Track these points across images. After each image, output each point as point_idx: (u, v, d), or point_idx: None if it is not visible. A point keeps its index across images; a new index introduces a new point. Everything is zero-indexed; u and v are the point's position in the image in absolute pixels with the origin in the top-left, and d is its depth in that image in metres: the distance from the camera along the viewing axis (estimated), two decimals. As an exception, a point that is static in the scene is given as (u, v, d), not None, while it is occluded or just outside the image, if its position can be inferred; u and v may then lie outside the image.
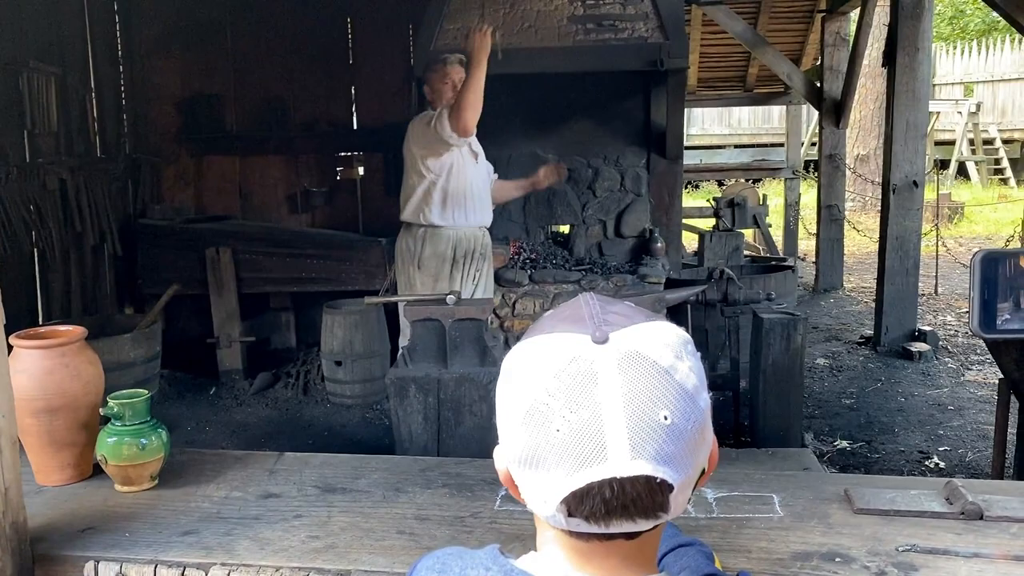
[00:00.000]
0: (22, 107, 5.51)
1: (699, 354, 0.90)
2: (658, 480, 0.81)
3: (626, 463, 0.80)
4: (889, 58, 6.16)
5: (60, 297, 6.01)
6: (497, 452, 0.90)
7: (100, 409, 1.78)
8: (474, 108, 3.83)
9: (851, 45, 7.95)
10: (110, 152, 6.48)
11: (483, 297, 4.25)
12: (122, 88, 6.69)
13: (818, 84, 8.28)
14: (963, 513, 1.59)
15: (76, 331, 1.87)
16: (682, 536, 1.26)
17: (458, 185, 4.08)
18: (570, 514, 0.84)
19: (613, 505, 0.82)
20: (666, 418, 0.82)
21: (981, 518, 1.58)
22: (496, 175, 4.54)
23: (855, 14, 7.98)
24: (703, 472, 0.89)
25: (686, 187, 16.36)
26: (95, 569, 1.45)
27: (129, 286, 6.58)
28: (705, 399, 0.88)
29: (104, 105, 6.45)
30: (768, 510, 1.62)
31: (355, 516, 1.61)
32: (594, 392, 0.81)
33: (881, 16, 9.25)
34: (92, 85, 6.32)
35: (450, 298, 4.03)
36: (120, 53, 6.66)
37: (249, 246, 6.07)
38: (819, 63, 8.45)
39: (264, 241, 6.12)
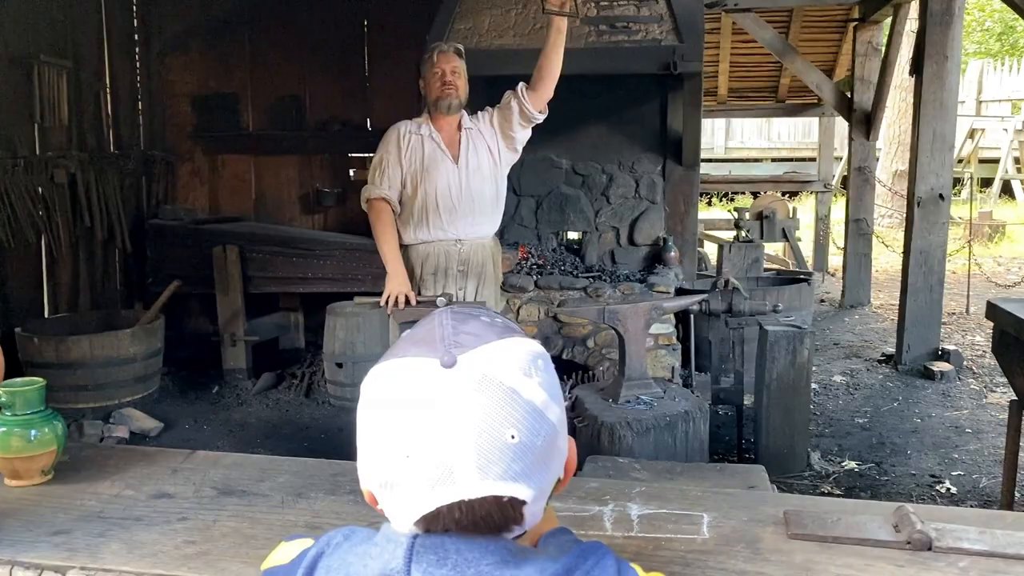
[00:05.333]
0: (32, 100, 5.51)
1: (552, 367, 0.93)
2: (506, 499, 0.84)
3: (474, 485, 0.82)
4: (917, 67, 5.94)
5: (67, 291, 6.01)
6: (359, 472, 0.91)
7: (-12, 398, 1.68)
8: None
9: (883, 55, 7.73)
10: (124, 148, 6.48)
11: (477, 301, 4.11)
12: (138, 84, 6.69)
13: (848, 95, 8.05)
14: (909, 542, 1.43)
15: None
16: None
17: (424, 198, 3.90)
18: (427, 531, 0.86)
19: (464, 523, 0.85)
20: (513, 437, 0.83)
21: (929, 548, 1.42)
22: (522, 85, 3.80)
23: (888, 23, 7.75)
24: (559, 480, 0.92)
25: (720, 198, 16.14)
26: (-48, 567, 1.35)
27: (139, 283, 6.57)
28: (556, 410, 0.89)
29: (119, 101, 6.46)
30: (694, 531, 1.47)
31: (243, 521, 1.49)
32: (442, 417, 0.83)
33: (914, 25, 8.99)
34: (107, 80, 6.32)
35: (440, 300, 3.91)
36: (137, 49, 6.67)
37: (257, 246, 6.02)
38: (851, 73, 8.22)
39: (272, 243, 6.07)
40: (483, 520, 0.84)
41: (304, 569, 0.93)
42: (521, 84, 3.87)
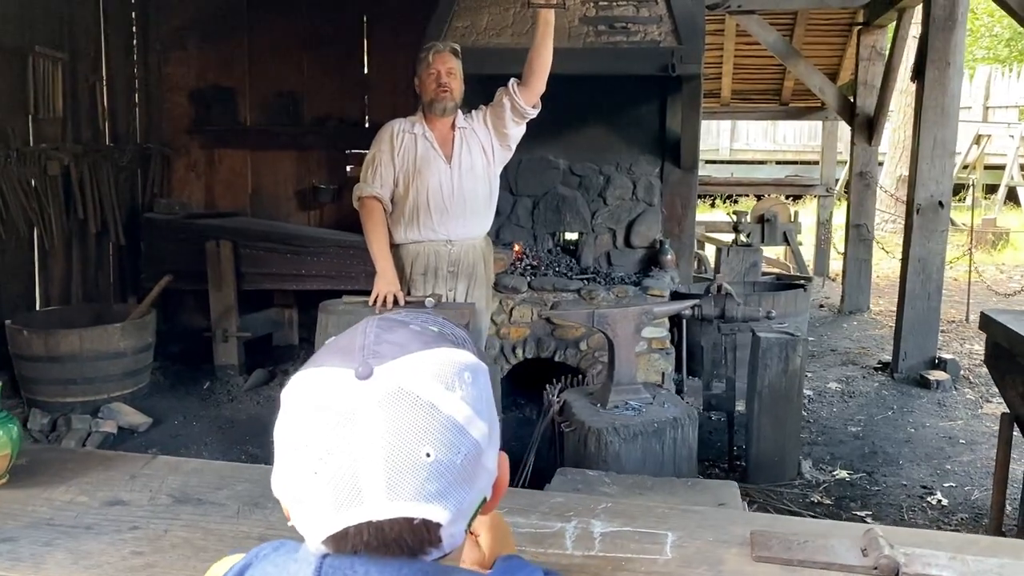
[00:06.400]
0: (26, 92, 5.48)
1: (484, 380, 0.88)
2: (418, 520, 0.80)
3: (382, 505, 0.79)
4: (919, 72, 5.89)
5: (59, 284, 5.98)
6: (272, 484, 0.87)
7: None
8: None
9: (886, 59, 7.68)
10: (119, 141, 6.45)
11: (467, 302, 4.08)
12: (135, 77, 6.65)
13: (851, 99, 8.00)
14: (876, 568, 1.39)
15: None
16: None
17: (416, 197, 3.85)
18: (337, 551, 0.82)
19: (373, 546, 0.80)
20: (429, 455, 0.79)
21: (897, 574, 1.38)
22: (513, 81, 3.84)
23: (893, 28, 7.69)
24: (484, 500, 0.88)
25: (724, 200, 16.08)
26: None
27: (133, 277, 6.55)
28: (482, 427, 0.85)
29: (115, 93, 6.43)
30: (656, 551, 1.43)
31: (195, 532, 1.45)
32: (352, 433, 0.79)
33: (918, 30, 8.93)
34: (103, 73, 6.29)
35: (429, 301, 3.88)
36: (135, 42, 6.63)
37: (250, 241, 5.99)
38: (855, 77, 8.17)
39: (266, 239, 6.03)
40: (395, 542, 0.80)
41: None
42: (512, 80, 3.85)
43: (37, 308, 5.80)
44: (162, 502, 1.57)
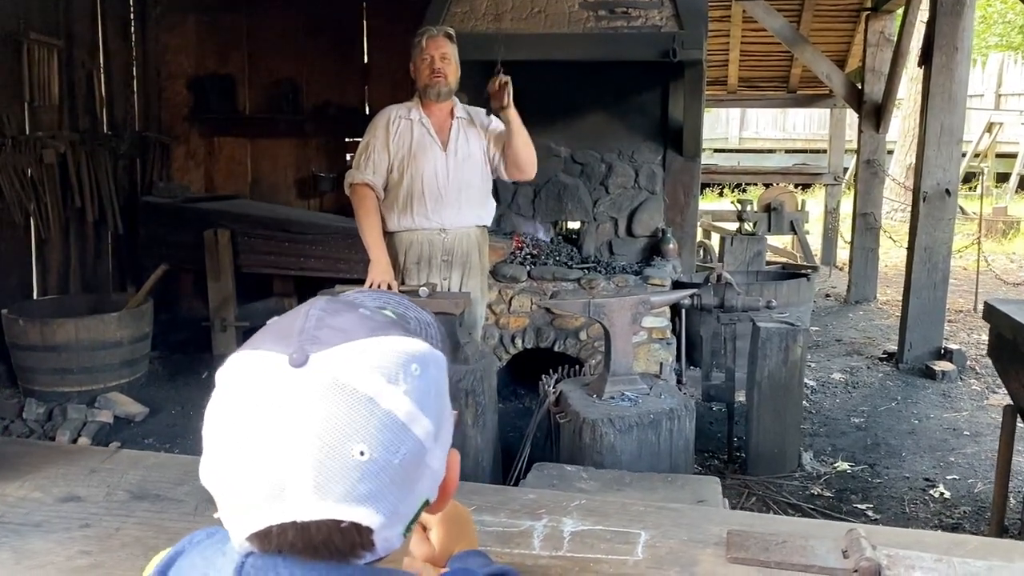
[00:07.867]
0: (21, 79, 5.43)
1: (435, 373, 0.81)
2: (345, 523, 0.73)
3: (309, 506, 0.72)
4: (926, 57, 5.78)
5: (57, 272, 5.95)
6: (200, 473, 0.80)
7: None
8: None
9: (894, 45, 7.56)
10: (117, 129, 6.40)
11: (460, 292, 4.01)
12: (133, 64, 6.60)
13: (859, 86, 7.89)
14: (856, 570, 1.32)
15: None
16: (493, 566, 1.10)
17: (410, 184, 3.79)
18: (261, 549, 0.75)
19: (299, 547, 0.74)
20: (363, 453, 0.73)
21: (879, 576, 1.32)
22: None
23: (901, 13, 7.57)
24: (427, 502, 0.81)
25: (732, 190, 15.96)
26: None
27: (132, 265, 6.51)
28: (427, 424, 0.78)
29: (113, 81, 6.38)
30: (627, 551, 1.37)
31: (148, 530, 1.40)
32: (280, 425, 0.72)
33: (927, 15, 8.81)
34: (100, 60, 6.24)
35: (423, 290, 3.82)
36: (132, 29, 6.58)
37: (249, 228, 5.93)
38: (863, 64, 8.05)
39: (265, 224, 5.97)
40: (323, 545, 0.74)
41: (160, 566, 0.85)
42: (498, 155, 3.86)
43: (34, 297, 5.77)
44: (118, 498, 1.51)
